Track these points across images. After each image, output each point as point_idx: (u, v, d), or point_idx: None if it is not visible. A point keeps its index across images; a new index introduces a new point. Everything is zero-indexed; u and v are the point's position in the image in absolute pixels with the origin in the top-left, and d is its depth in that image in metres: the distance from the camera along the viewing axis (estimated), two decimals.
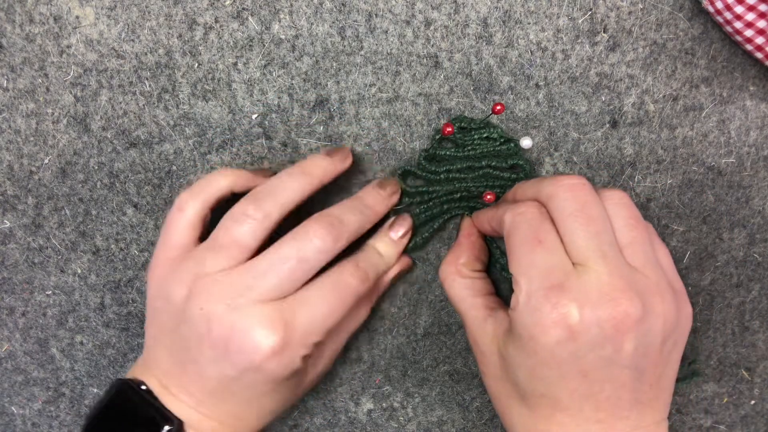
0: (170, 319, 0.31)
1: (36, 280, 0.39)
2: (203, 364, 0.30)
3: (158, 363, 0.32)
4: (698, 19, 0.35)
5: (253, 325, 0.29)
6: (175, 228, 0.32)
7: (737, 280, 0.39)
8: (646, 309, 0.27)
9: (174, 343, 0.31)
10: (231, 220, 0.31)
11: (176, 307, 0.30)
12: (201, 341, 0.29)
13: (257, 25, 0.35)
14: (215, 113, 0.36)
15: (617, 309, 0.27)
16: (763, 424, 0.41)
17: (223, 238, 0.30)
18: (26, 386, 0.41)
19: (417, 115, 0.36)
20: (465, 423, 0.41)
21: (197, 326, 0.29)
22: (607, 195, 0.30)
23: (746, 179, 0.37)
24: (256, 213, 0.30)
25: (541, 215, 0.30)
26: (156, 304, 0.32)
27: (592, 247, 0.28)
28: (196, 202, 0.32)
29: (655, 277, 0.29)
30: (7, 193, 0.38)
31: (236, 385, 0.30)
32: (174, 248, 0.32)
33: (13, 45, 0.36)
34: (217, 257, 0.30)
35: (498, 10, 0.35)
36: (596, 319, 0.27)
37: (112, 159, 0.37)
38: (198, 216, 0.32)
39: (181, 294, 0.30)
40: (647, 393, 0.29)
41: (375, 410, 0.41)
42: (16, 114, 0.37)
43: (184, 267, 0.31)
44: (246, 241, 0.30)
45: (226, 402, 0.31)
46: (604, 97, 0.36)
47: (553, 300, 0.27)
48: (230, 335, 0.29)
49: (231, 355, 0.29)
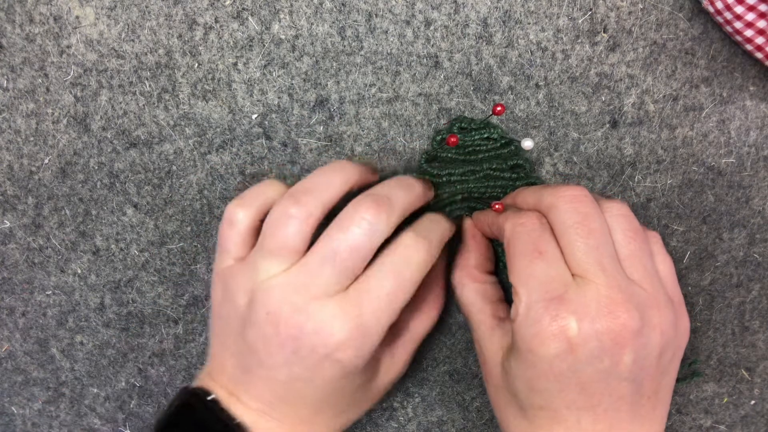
0: (236, 324, 0.30)
1: (36, 280, 0.39)
2: (272, 367, 0.30)
3: (224, 369, 0.31)
4: (698, 19, 0.35)
5: (321, 322, 0.28)
6: (228, 241, 0.32)
7: (737, 280, 0.39)
8: (644, 322, 0.27)
9: (241, 349, 0.30)
10: (274, 224, 0.30)
11: (241, 312, 0.30)
12: (269, 344, 0.29)
13: (257, 25, 0.35)
14: (215, 113, 0.36)
15: (615, 322, 0.27)
16: (763, 424, 0.41)
17: (270, 243, 0.30)
18: (26, 386, 0.41)
19: (417, 115, 0.36)
20: (465, 423, 0.41)
21: (264, 329, 0.29)
22: (608, 206, 0.30)
23: (746, 179, 0.37)
24: (299, 212, 0.30)
25: (541, 226, 0.30)
26: (221, 311, 0.32)
27: (591, 259, 0.28)
28: (247, 213, 0.32)
29: (653, 289, 0.29)
30: (7, 193, 0.38)
31: (308, 387, 0.30)
32: (231, 259, 0.32)
33: (13, 45, 0.36)
34: (269, 264, 0.30)
35: (498, 10, 0.35)
36: (595, 332, 0.27)
37: (112, 159, 0.37)
38: (250, 226, 0.32)
39: (243, 301, 0.30)
40: (645, 405, 0.29)
41: (375, 410, 0.41)
42: (16, 114, 0.37)
43: (242, 275, 0.30)
44: (293, 243, 0.30)
45: (297, 406, 0.30)
46: (604, 97, 0.36)
47: (553, 312, 0.27)
48: (299, 335, 0.28)
49: (302, 355, 0.29)
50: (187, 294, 0.39)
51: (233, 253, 0.32)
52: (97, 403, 0.41)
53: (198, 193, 0.38)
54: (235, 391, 0.31)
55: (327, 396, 0.30)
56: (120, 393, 0.41)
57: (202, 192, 0.38)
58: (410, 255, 0.30)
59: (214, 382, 0.32)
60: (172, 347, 0.40)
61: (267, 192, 0.32)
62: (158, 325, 0.40)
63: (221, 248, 0.32)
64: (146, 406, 0.41)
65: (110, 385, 0.41)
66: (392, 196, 0.30)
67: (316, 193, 0.30)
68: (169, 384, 0.41)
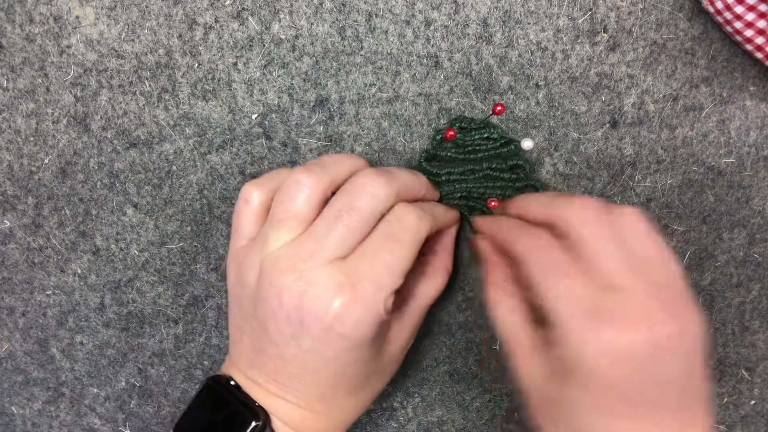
0: (248, 304, 0.31)
1: (36, 280, 0.39)
2: (282, 345, 0.30)
3: (243, 354, 0.32)
4: (698, 19, 0.35)
5: (321, 288, 0.29)
6: (243, 219, 0.32)
7: (737, 280, 0.39)
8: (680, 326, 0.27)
9: (254, 329, 0.31)
10: (285, 193, 0.31)
11: (251, 290, 0.31)
12: (276, 318, 0.29)
13: (257, 25, 0.35)
14: (215, 113, 0.36)
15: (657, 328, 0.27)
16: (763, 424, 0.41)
17: (280, 212, 0.30)
18: (26, 386, 0.41)
19: (417, 115, 0.36)
20: (465, 423, 0.41)
21: (270, 303, 0.29)
22: (619, 212, 0.30)
23: (746, 179, 0.37)
24: (309, 180, 0.30)
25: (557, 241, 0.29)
26: (236, 292, 0.32)
27: (619, 268, 0.28)
28: (261, 191, 0.32)
29: (681, 290, 0.29)
30: (7, 193, 0.38)
31: (318, 361, 0.30)
32: (245, 239, 0.32)
33: (13, 45, 0.36)
34: (278, 233, 0.30)
35: (498, 10, 0.35)
36: (643, 339, 0.26)
37: (112, 159, 0.37)
38: (264, 205, 0.32)
39: (254, 276, 0.30)
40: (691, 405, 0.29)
41: (375, 410, 0.41)
42: (16, 114, 0.37)
43: (252, 251, 0.31)
44: (302, 210, 0.30)
45: (311, 384, 0.30)
46: (604, 97, 0.36)
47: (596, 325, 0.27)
48: (301, 303, 0.29)
49: (306, 325, 0.29)
50: (187, 294, 0.39)
51: (246, 231, 0.32)
52: (97, 403, 0.41)
53: (198, 193, 0.38)
54: (254, 375, 0.31)
55: (340, 370, 0.30)
56: (120, 393, 0.41)
57: (202, 192, 0.38)
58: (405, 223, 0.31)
59: (235, 367, 0.32)
60: (172, 347, 0.40)
61: (282, 175, 0.32)
62: (158, 325, 0.40)
63: (235, 229, 0.33)
64: (146, 406, 0.41)
65: (110, 385, 0.41)
66: (393, 171, 0.32)
67: (326, 167, 0.31)
68: (169, 384, 0.41)
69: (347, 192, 0.30)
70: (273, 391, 0.31)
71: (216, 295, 0.39)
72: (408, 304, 0.34)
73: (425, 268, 0.35)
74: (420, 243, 0.31)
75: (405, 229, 0.30)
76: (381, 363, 0.33)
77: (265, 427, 0.30)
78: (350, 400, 0.32)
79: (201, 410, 0.31)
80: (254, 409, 0.30)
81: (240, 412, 0.30)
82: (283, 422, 0.31)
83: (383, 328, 0.31)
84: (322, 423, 0.32)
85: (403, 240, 0.30)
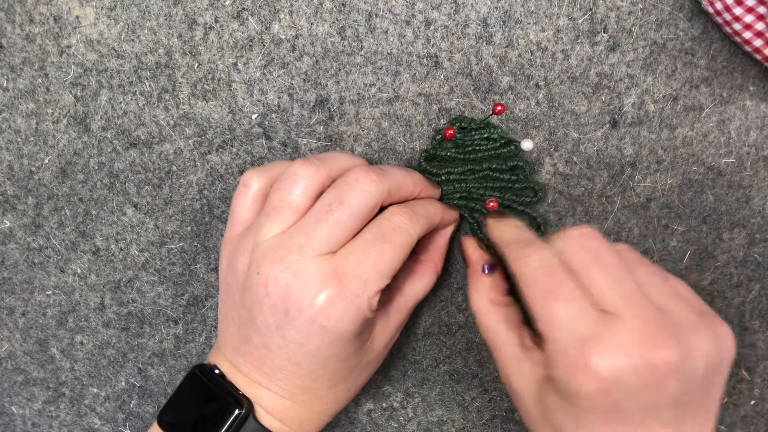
0: (237, 291, 0.31)
1: (36, 280, 0.39)
2: (268, 335, 0.30)
3: (229, 342, 0.32)
4: (698, 19, 0.35)
5: (307, 280, 0.29)
6: (240, 204, 0.32)
7: (737, 280, 0.39)
8: (683, 348, 0.26)
9: (241, 316, 0.31)
10: (283, 182, 0.31)
11: (240, 278, 0.31)
12: (262, 307, 0.30)
13: (257, 25, 0.35)
14: (215, 113, 0.36)
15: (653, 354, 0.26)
16: (763, 424, 0.41)
17: (276, 200, 0.31)
18: (26, 386, 0.41)
19: (417, 115, 0.36)
20: (465, 423, 0.41)
21: (257, 291, 0.30)
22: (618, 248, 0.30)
23: (746, 179, 0.37)
24: (307, 172, 0.31)
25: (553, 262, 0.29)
26: (226, 279, 0.32)
27: (616, 294, 0.27)
28: (261, 178, 0.32)
29: (685, 312, 0.28)
30: (7, 193, 0.38)
31: (302, 353, 0.30)
32: (240, 224, 0.32)
33: (13, 45, 0.36)
34: (272, 222, 0.30)
35: (498, 10, 0.35)
36: (633, 367, 0.26)
37: (112, 159, 0.37)
38: (262, 192, 0.32)
39: (244, 264, 0.31)
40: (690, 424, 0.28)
41: (375, 410, 0.41)
42: (16, 114, 0.37)
43: (245, 238, 0.31)
44: (297, 201, 0.30)
45: (294, 375, 0.31)
46: (604, 97, 0.36)
47: (586, 354, 0.26)
48: (286, 295, 0.29)
49: (291, 316, 0.29)
50: (187, 294, 0.39)
51: (242, 216, 0.32)
52: (97, 403, 0.41)
53: (198, 193, 0.38)
54: (238, 363, 0.31)
55: (322, 363, 0.30)
56: (120, 393, 0.41)
57: (202, 192, 0.38)
58: (396, 223, 0.31)
59: (221, 355, 0.32)
60: (172, 347, 0.40)
61: (283, 166, 0.33)
62: (158, 325, 0.40)
63: (232, 215, 0.33)
64: (146, 406, 0.41)
65: (110, 385, 0.41)
66: (386, 168, 0.32)
67: (326, 162, 0.31)
68: (169, 384, 0.41)
69: (338, 186, 0.30)
70: (257, 380, 0.31)
71: (216, 295, 0.39)
72: (394, 301, 0.34)
73: (416, 266, 0.35)
74: (411, 245, 0.31)
75: (396, 231, 0.31)
76: (364, 358, 0.33)
77: (248, 415, 0.30)
78: (332, 393, 0.32)
79: (185, 398, 0.32)
80: (238, 398, 0.30)
81: (224, 400, 0.30)
82: (266, 411, 0.31)
83: (367, 324, 0.31)
84: (305, 413, 0.32)
85: (394, 242, 0.30)
